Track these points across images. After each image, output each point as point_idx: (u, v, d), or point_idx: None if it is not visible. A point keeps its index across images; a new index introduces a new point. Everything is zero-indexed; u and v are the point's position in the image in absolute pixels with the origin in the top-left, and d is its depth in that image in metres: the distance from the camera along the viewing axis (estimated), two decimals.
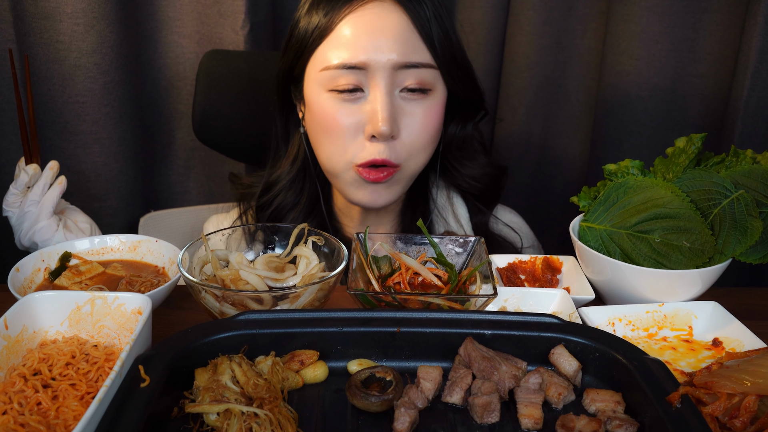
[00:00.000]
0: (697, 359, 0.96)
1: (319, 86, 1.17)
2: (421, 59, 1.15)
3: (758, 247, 1.05)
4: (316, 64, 1.16)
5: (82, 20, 1.54)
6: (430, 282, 1.05)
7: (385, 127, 1.12)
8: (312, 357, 0.85)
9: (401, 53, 1.13)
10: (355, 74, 1.13)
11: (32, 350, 0.87)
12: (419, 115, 1.18)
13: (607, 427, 0.76)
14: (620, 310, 1.03)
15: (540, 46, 1.78)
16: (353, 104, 1.15)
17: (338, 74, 1.13)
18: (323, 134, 1.19)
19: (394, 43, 1.12)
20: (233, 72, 1.56)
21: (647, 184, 1.09)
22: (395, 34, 1.12)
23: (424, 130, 1.19)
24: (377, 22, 1.12)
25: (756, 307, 1.14)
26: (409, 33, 1.14)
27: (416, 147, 1.20)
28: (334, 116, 1.16)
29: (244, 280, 1.01)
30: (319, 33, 1.15)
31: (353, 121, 1.16)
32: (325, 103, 1.16)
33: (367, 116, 1.15)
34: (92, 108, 1.62)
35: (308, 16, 1.17)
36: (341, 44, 1.13)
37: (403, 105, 1.17)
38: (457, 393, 0.81)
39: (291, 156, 1.33)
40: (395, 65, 1.13)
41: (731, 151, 1.12)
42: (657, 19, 1.58)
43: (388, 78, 1.13)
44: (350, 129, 1.16)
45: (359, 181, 1.19)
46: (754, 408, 0.77)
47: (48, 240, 1.18)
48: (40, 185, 1.17)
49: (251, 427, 0.73)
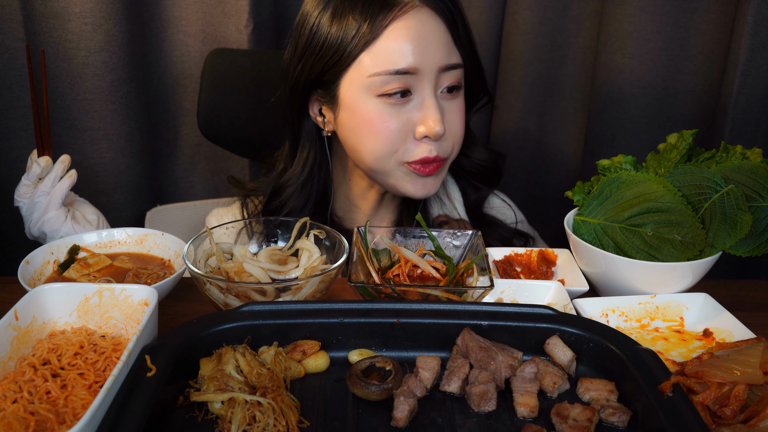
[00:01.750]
0: (688, 349, 0.96)
1: (366, 91, 1.18)
2: (457, 60, 1.21)
3: (747, 241, 1.06)
4: (362, 70, 1.17)
5: (90, 19, 1.55)
6: (429, 274, 1.05)
7: (439, 127, 1.17)
8: (314, 347, 0.86)
9: (444, 56, 1.18)
10: (405, 79, 1.16)
11: (42, 340, 0.87)
12: (456, 113, 1.23)
13: (601, 416, 0.77)
14: (613, 301, 1.04)
15: (535, 45, 1.78)
16: (402, 107, 1.19)
17: (389, 79, 1.16)
18: (371, 137, 1.21)
19: (438, 48, 1.17)
20: (237, 70, 1.56)
21: (640, 179, 1.09)
22: (437, 39, 1.17)
23: (461, 125, 1.25)
24: (421, 29, 1.16)
25: (745, 299, 1.15)
26: (447, 38, 1.19)
27: (457, 140, 1.26)
28: (385, 121, 1.18)
29: (247, 273, 1.01)
30: (363, 41, 1.16)
31: (402, 123, 1.19)
32: (374, 108, 1.19)
33: (418, 118, 1.19)
34: (100, 105, 1.63)
35: (337, 22, 1.17)
36: (389, 51, 1.15)
37: (444, 104, 1.21)
38: (455, 382, 0.82)
39: (302, 159, 1.33)
40: (440, 68, 1.18)
41: (721, 146, 1.13)
42: (649, 19, 1.59)
43: (434, 81, 1.18)
44: (401, 131, 1.19)
45: (412, 175, 1.23)
46: (744, 397, 0.77)
47: (56, 230, 1.20)
48: (51, 177, 1.20)
49: (254, 415, 0.74)
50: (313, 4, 1.21)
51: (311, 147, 1.33)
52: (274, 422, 0.74)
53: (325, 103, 1.27)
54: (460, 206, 1.42)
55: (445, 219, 1.39)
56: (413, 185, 1.24)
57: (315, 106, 1.29)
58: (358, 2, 1.16)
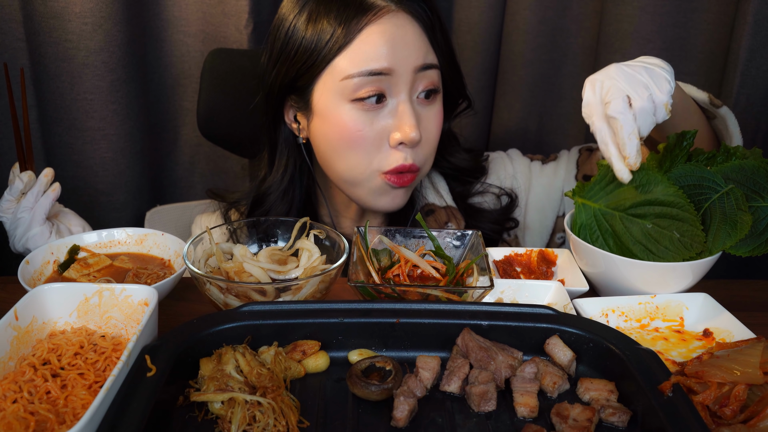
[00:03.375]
0: (688, 349, 0.97)
1: (339, 97, 1.16)
2: (432, 60, 1.19)
3: (747, 241, 1.05)
4: (335, 74, 1.15)
5: (90, 19, 1.55)
6: (429, 274, 1.05)
7: (414, 133, 1.15)
8: (314, 347, 0.86)
9: (420, 56, 1.17)
10: (379, 81, 1.14)
11: (42, 340, 0.87)
12: (432, 119, 1.22)
13: (601, 416, 0.77)
14: (613, 301, 1.04)
15: (535, 45, 1.78)
16: (376, 114, 1.17)
17: (363, 82, 1.14)
18: (345, 146, 1.18)
19: (412, 48, 1.16)
20: (237, 70, 1.56)
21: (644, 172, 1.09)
22: (413, 41, 1.16)
23: (437, 132, 1.23)
24: (396, 32, 1.15)
25: (745, 299, 1.15)
26: (423, 40, 1.18)
27: (432, 148, 1.24)
28: (359, 128, 1.16)
29: (247, 273, 1.01)
30: (337, 45, 1.14)
31: (377, 130, 1.17)
32: (347, 114, 1.16)
33: (393, 124, 1.17)
34: (100, 105, 1.64)
35: (312, 26, 1.16)
36: (363, 53, 1.14)
37: (420, 111, 1.20)
38: (455, 382, 0.82)
39: (281, 167, 1.32)
40: (416, 68, 1.17)
41: (721, 146, 1.13)
42: (649, 19, 1.59)
43: (409, 82, 1.16)
44: (375, 139, 1.17)
45: (385, 187, 1.21)
46: (744, 397, 0.77)
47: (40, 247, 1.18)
48: (34, 192, 1.18)
49: (254, 415, 0.74)
50: (289, 8, 1.21)
51: (290, 154, 1.31)
52: (274, 422, 0.74)
53: (299, 109, 1.25)
54: (446, 194, 1.40)
55: (431, 208, 1.38)
56: (384, 197, 1.23)
57: (290, 113, 1.28)
58: (333, 6, 1.15)
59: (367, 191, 1.23)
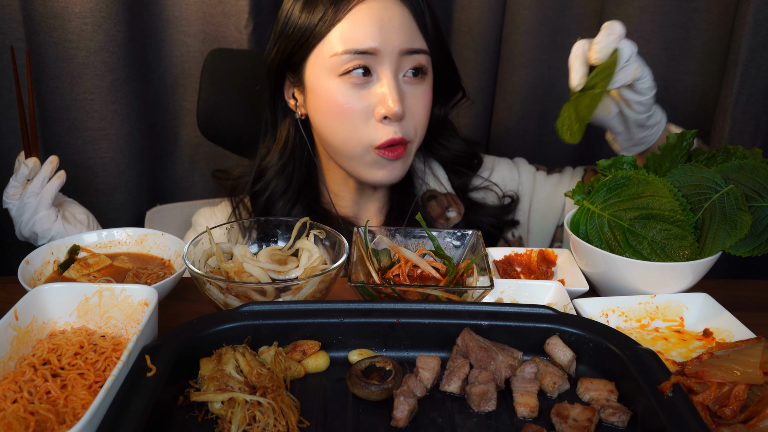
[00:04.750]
0: (688, 349, 0.97)
1: (329, 72, 1.22)
2: (420, 46, 1.24)
3: (747, 241, 1.06)
4: (324, 51, 1.21)
5: (90, 19, 1.56)
6: (429, 274, 1.05)
7: (397, 107, 1.19)
8: (314, 347, 0.86)
9: (406, 40, 1.21)
10: (365, 59, 1.20)
11: (41, 340, 0.87)
12: (419, 96, 1.26)
13: (601, 416, 0.77)
14: (613, 301, 1.04)
15: (535, 45, 1.78)
16: (362, 89, 1.22)
17: (349, 59, 1.19)
18: (335, 119, 1.24)
19: (400, 31, 1.21)
20: (236, 70, 1.56)
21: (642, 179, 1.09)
22: (400, 23, 1.21)
23: (424, 110, 1.28)
24: (385, 13, 1.20)
25: (745, 299, 1.16)
26: (410, 23, 1.23)
27: (420, 123, 1.28)
28: (346, 101, 1.21)
29: (247, 273, 1.01)
30: (327, 23, 1.20)
31: (364, 105, 1.22)
32: (336, 88, 1.22)
33: (378, 99, 1.21)
34: (100, 105, 1.64)
35: (308, 9, 1.22)
36: (351, 32, 1.19)
37: (405, 88, 1.24)
38: (455, 382, 0.82)
39: (281, 142, 1.37)
40: (401, 51, 1.21)
41: (721, 147, 1.13)
42: (649, 19, 1.59)
43: (394, 63, 1.21)
44: (362, 113, 1.22)
45: (380, 161, 1.25)
46: (744, 397, 0.77)
47: (47, 230, 1.21)
48: (40, 178, 1.21)
49: (254, 415, 0.74)
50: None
51: (289, 129, 1.36)
52: (274, 422, 0.74)
53: (295, 85, 1.31)
54: (446, 182, 1.45)
55: (432, 194, 1.42)
56: (380, 170, 1.27)
57: (289, 90, 1.34)
58: None
59: (363, 165, 1.27)
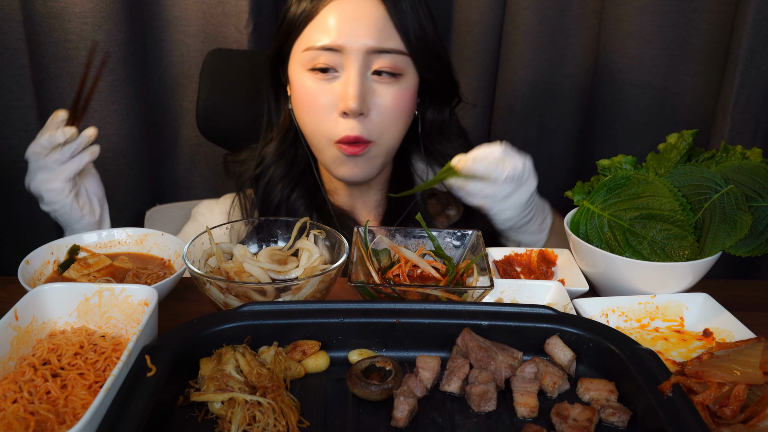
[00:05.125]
0: (688, 349, 0.97)
1: (301, 65, 1.25)
2: (393, 46, 1.23)
3: (747, 241, 1.06)
4: (301, 45, 1.25)
5: (90, 19, 1.56)
6: (429, 274, 1.05)
7: (354, 104, 1.20)
8: (314, 347, 0.86)
9: (375, 39, 1.21)
10: (332, 55, 1.22)
11: (41, 340, 0.87)
12: (389, 97, 1.25)
13: (601, 416, 0.77)
14: (613, 301, 1.04)
15: (535, 45, 1.78)
16: (328, 83, 1.23)
17: (318, 54, 1.22)
18: (305, 111, 1.27)
19: (368, 30, 1.21)
20: (236, 70, 1.57)
21: (642, 179, 1.10)
22: (371, 22, 1.21)
23: (393, 111, 1.26)
24: (356, 11, 1.21)
25: (745, 299, 1.16)
26: (384, 22, 1.22)
27: (386, 125, 1.27)
28: (313, 94, 1.24)
29: (247, 273, 1.01)
30: (305, 17, 1.23)
31: (328, 99, 1.23)
32: (306, 81, 1.25)
33: (340, 94, 1.22)
34: (100, 105, 1.64)
35: (298, 2, 1.26)
36: (322, 28, 1.21)
37: (374, 86, 1.24)
38: (455, 382, 0.82)
39: (282, 129, 1.39)
40: (368, 50, 1.21)
41: (721, 146, 1.13)
42: (649, 19, 1.60)
43: (360, 61, 1.21)
44: (326, 107, 1.24)
45: (341, 157, 1.26)
46: (744, 397, 0.77)
47: (54, 202, 1.17)
48: (71, 148, 1.15)
49: (254, 415, 0.74)
50: None
51: (289, 119, 1.38)
52: (274, 422, 0.74)
53: (286, 80, 1.35)
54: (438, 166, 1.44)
55: (432, 192, 1.42)
56: (342, 167, 1.28)
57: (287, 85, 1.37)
58: None
59: (328, 159, 1.29)
